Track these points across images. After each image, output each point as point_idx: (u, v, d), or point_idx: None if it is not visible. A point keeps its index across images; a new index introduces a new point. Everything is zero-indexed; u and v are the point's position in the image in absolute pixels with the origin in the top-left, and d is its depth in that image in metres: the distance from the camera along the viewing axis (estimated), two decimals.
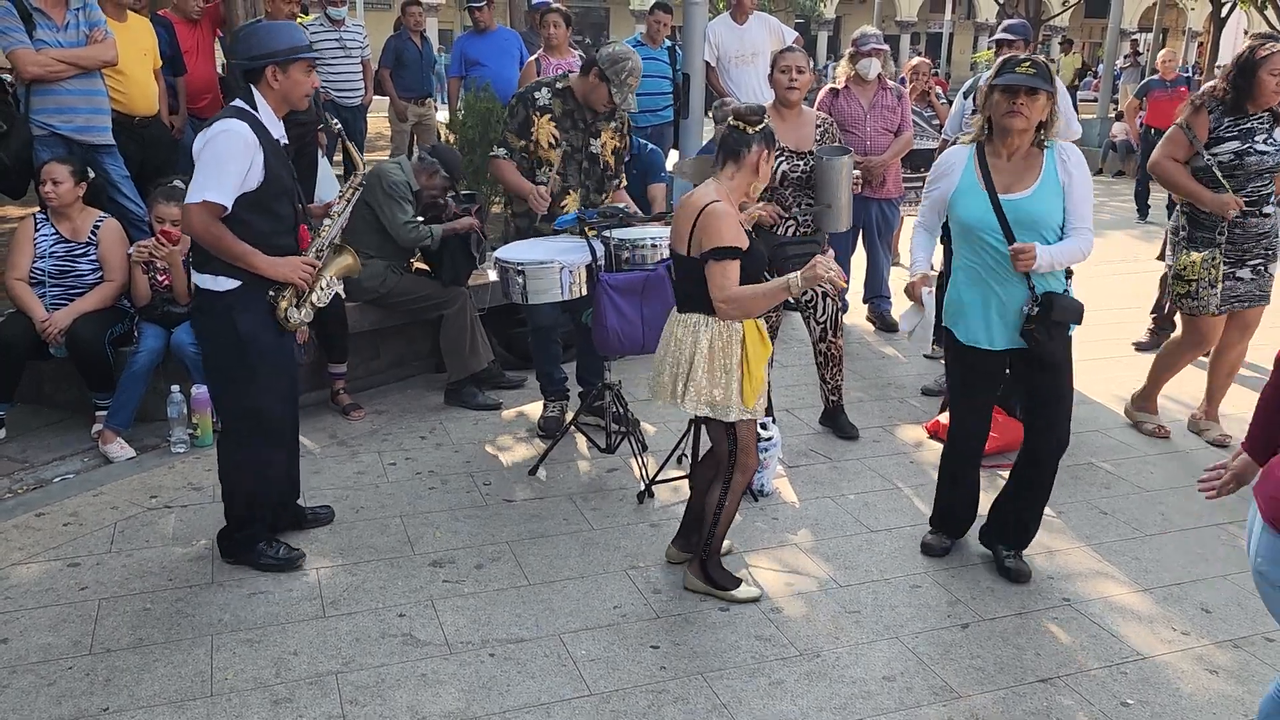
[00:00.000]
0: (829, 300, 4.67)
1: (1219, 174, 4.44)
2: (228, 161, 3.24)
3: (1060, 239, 3.38)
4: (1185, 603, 3.54)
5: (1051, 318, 3.34)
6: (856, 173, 4.55)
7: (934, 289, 3.59)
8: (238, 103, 3.39)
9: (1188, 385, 5.40)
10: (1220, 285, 4.55)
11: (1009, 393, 4.46)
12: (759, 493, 4.23)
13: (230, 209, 3.28)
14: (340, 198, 3.74)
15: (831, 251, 4.60)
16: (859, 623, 3.37)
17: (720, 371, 3.21)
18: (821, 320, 4.71)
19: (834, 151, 4.45)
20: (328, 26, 7.28)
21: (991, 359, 3.51)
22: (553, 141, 4.48)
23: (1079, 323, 3.43)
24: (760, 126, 3.21)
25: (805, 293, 4.60)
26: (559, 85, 4.54)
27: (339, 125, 4.18)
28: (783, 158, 4.46)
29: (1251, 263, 4.59)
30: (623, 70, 4.33)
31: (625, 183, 4.87)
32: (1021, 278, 3.37)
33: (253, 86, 3.40)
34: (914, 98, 7.24)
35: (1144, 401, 5.11)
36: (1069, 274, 3.55)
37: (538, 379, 4.95)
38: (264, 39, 3.39)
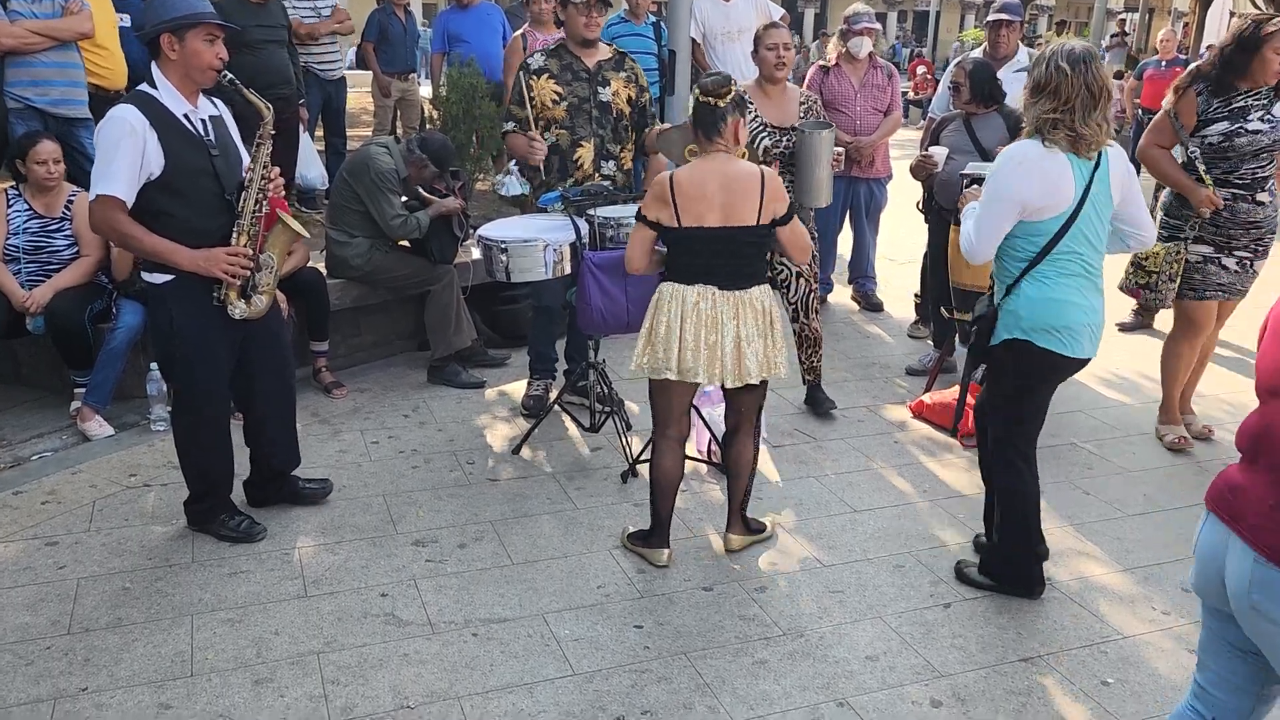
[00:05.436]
0: (801, 280, 4.63)
1: (1201, 166, 4.21)
2: (113, 152, 3.13)
3: (1008, 241, 3.22)
4: (1165, 583, 3.56)
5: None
6: (839, 150, 4.53)
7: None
8: (142, 85, 3.28)
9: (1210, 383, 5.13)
10: (1178, 281, 4.34)
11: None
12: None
13: (131, 200, 3.18)
14: (251, 161, 3.38)
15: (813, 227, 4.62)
16: (842, 602, 3.37)
17: (782, 337, 3.43)
18: (793, 301, 4.69)
19: (817, 127, 4.43)
20: None
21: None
22: (555, 99, 4.47)
23: (978, 324, 3.28)
24: (730, 97, 3.25)
25: (780, 271, 4.60)
26: (551, 45, 4.61)
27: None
28: (765, 134, 4.44)
29: (1238, 253, 4.32)
30: None
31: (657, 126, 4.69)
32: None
33: (154, 62, 3.26)
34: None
35: (1164, 414, 4.76)
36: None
37: (529, 354, 4.93)
38: (159, 7, 3.22)
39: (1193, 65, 4.50)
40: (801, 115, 4.56)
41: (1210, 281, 4.38)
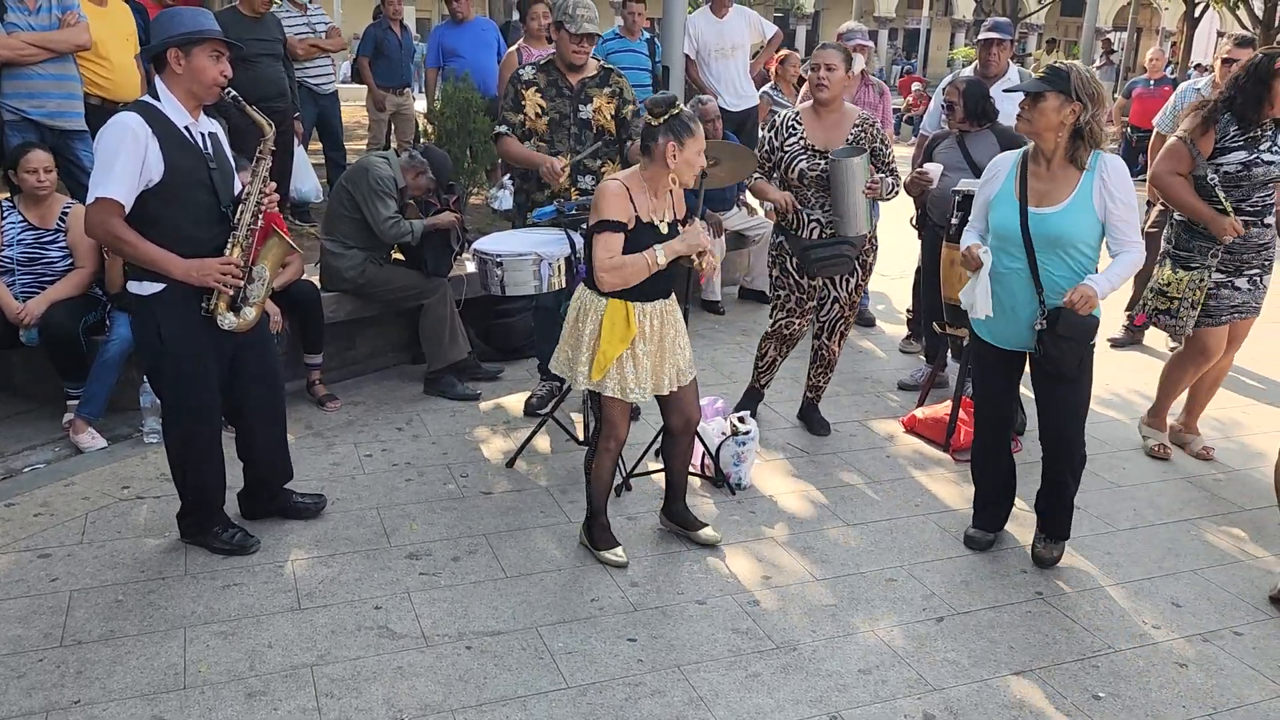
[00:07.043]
0: (836, 305, 4.66)
1: (1221, 194, 4.19)
2: (115, 155, 3.14)
3: (1089, 255, 3.40)
4: (1156, 597, 3.58)
5: (1057, 332, 3.35)
6: (879, 177, 4.38)
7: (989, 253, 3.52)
8: (145, 96, 3.32)
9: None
10: (1200, 309, 4.36)
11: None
12: (736, 486, 4.24)
13: (130, 205, 3.19)
14: (251, 176, 3.42)
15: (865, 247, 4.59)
16: (835, 616, 3.39)
17: (576, 338, 3.48)
18: (822, 320, 4.73)
19: (848, 154, 4.28)
20: (294, 12, 7.14)
21: (997, 352, 3.60)
22: (539, 111, 4.57)
23: (1087, 339, 3.41)
24: (665, 118, 3.30)
25: (823, 290, 4.61)
26: (542, 61, 4.71)
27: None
28: (802, 156, 4.40)
29: (1249, 273, 4.40)
30: (566, 6, 4.44)
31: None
32: (1034, 291, 3.42)
33: (158, 76, 3.30)
34: (785, 87, 7.27)
35: (1152, 419, 4.84)
36: None
37: (537, 357, 5.05)
38: (168, 23, 3.28)
39: (1215, 95, 4.40)
40: (849, 139, 4.41)
41: (1224, 305, 4.42)
